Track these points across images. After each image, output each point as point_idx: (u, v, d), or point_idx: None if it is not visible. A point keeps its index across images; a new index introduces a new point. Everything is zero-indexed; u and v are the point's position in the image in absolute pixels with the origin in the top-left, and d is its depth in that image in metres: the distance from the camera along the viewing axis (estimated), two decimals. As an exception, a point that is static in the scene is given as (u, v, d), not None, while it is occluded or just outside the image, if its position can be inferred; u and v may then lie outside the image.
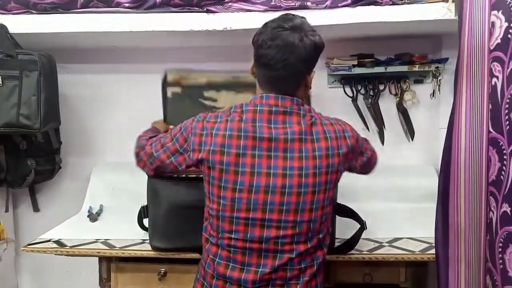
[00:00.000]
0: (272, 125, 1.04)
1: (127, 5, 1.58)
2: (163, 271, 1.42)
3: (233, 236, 1.05)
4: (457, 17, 1.13)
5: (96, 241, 1.49)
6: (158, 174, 1.23)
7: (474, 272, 1.09)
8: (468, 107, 1.07)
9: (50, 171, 1.93)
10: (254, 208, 1.03)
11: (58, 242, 1.49)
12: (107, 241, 1.49)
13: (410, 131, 1.90)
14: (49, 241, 1.49)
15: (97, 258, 1.51)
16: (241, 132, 1.03)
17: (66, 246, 1.45)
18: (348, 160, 1.10)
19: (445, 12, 1.43)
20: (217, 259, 1.07)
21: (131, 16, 1.56)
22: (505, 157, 0.94)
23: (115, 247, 1.44)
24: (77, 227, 1.65)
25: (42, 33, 1.58)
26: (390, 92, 1.89)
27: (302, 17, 1.09)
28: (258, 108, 1.05)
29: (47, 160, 1.89)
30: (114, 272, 1.47)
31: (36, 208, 2.04)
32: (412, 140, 1.91)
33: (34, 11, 1.58)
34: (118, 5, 1.58)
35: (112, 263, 1.46)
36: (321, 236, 1.09)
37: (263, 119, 1.04)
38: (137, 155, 1.25)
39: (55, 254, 1.46)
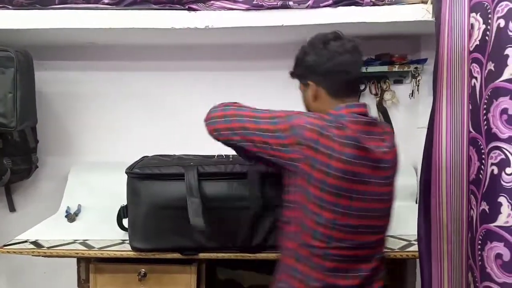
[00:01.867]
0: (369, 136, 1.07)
1: (106, 1, 1.55)
2: (143, 272, 1.41)
3: (343, 244, 1.04)
4: (435, 18, 1.15)
5: (74, 241, 1.47)
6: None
7: (456, 269, 1.11)
8: (449, 108, 1.09)
9: (26, 170, 1.89)
10: (365, 215, 1.05)
11: (35, 243, 1.45)
12: (86, 241, 1.47)
13: (389, 131, 1.92)
14: (26, 242, 1.46)
15: (75, 259, 1.48)
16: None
17: (44, 247, 1.42)
18: None
19: (424, 13, 1.45)
20: (324, 271, 1.04)
21: (110, 13, 1.53)
22: (483, 156, 0.96)
23: (94, 247, 1.42)
24: (54, 227, 1.62)
25: (19, 29, 1.54)
26: (371, 92, 1.92)
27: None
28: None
29: (24, 159, 1.85)
30: (93, 273, 1.44)
31: (12, 208, 1.99)
32: (392, 139, 1.93)
33: (10, 7, 1.55)
34: (98, 1, 1.56)
35: (91, 263, 1.44)
36: None
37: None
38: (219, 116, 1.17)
39: (32, 255, 1.42)
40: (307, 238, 1.04)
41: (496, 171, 0.92)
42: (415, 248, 1.37)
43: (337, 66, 1.09)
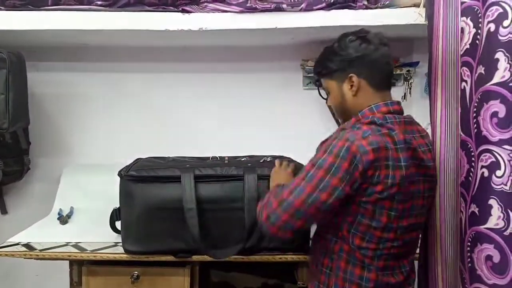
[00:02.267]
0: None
1: (99, 2, 1.55)
2: (136, 274, 1.40)
3: (394, 244, 1.07)
4: (427, 22, 1.16)
5: (66, 244, 1.46)
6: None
7: (450, 273, 1.12)
8: (444, 111, 1.10)
9: (18, 172, 1.87)
10: (412, 214, 1.08)
11: (27, 245, 1.44)
12: (78, 244, 1.46)
13: (382, 133, 1.93)
14: (17, 244, 1.45)
15: (68, 262, 1.47)
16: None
17: (36, 249, 1.41)
18: None
19: (416, 17, 1.46)
20: (377, 271, 1.07)
21: (104, 14, 1.53)
22: (473, 159, 0.97)
23: (87, 250, 1.41)
24: (47, 229, 1.61)
25: (11, 30, 1.53)
26: (363, 94, 1.92)
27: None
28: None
29: (16, 160, 1.84)
30: (85, 275, 1.43)
31: (4, 210, 1.98)
32: (385, 141, 1.94)
33: (2, 8, 1.54)
34: (91, 2, 1.55)
35: (83, 266, 1.43)
36: None
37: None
38: (268, 217, 1.04)
39: (24, 258, 1.41)
40: (360, 241, 1.06)
41: (486, 173, 0.93)
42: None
43: (383, 57, 1.11)
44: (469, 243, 0.98)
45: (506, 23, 0.91)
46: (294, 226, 1.02)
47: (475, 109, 0.96)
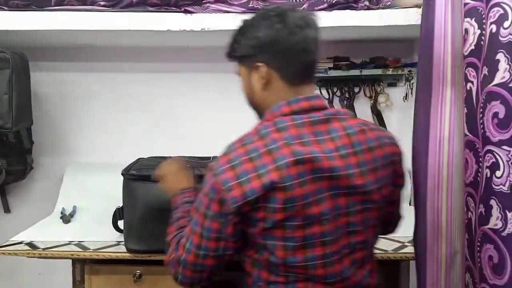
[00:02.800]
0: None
1: (102, 3, 1.56)
2: (138, 273, 1.41)
3: (315, 279, 0.94)
4: (420, 22, 1.15)
5: (69, 243, 1.47)
6: None
7: (454, 270, 1.11)
8: (453, 111, 1.08)
9: (21, 171, 1.88)
10: (328, 240, 0.93)
11: (30, 244, 1.45)
12: (81, 243, 1.47)
13: (384, 133, 1.93)
14: (20, 243, 1.46)
15: (70, 260, 1.48)
16: None
17: (39, 248, 1.42)
18: None
19: (417, 17, 1.47)
20: None
21: (106, 15, 1.54)
22: (480, 159, 0.97)
23: (89, 249, 1.42)
24: (49, 228, 1.62)
25: (15, 31, 1.54)
26: (365, 95, 1.93)
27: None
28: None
29: (19, 160, 1.85)
30: (88, 274, 1.44)
31: (7, 209, 1.99)
32: (386, 141, 1.94)
33: (6, 8, 1.55)
34: (94, 3, 1.56)
35: (86, 265, 1.44)
36: None
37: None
38: (176, 277, 1.00)
39: (27, 257, 1.42)
40: (267, 275, 0.94)
41: (489, 174, 0.93)
42: (408, 249, 1.38)
43: (298, 43, 0.91)
44: (478, 243, 0.98)
45: (506, 24, 0.91)
46: (204, 276, 0.95)
47: (481, 110, 0.96)
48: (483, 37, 0.97)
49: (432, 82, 1.10)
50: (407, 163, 1.93)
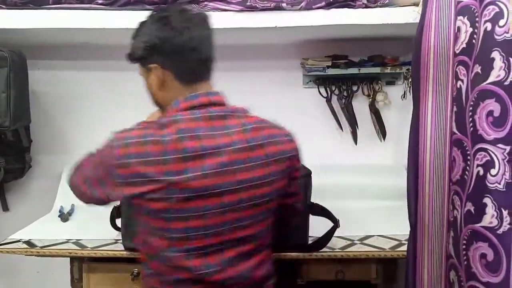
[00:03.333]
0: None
1: (100, 1, 1.56)
2: (136, 271, 1.41)
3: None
4: (418, 20, 1.16)
5: (67, 241, 1.47)
6: None
7: (436, 267, 1.13)
8: (434, 109, 1.10)
9: (20, 169, 1.89)
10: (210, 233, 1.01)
11: (28, 242, 1.46)
12: (79, 241, 1.47)
13: (382, 131, 1.94)
14: (19, 241, 1.46)
15: (68, 259, 1.49)
16: None
17: (37, 246, 1.43)
18: None
19: (415, 16, 1.47)
20: None
21: (104, 13, 1.54)
22: (468, 157, 0.97)
23: (87, 247, 1.42)
24: (48, 227, 1.63)
25: (13, 29, 1.55)
26: (363, 93, 1.93)
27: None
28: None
29: (17, 158, 1.85)
30: (86, 272, 1.45)
31: (5, 208, 1.99)
32: (384, 140, 1.95)
33: (3, 6, 1.55)
34: (91, 1, 1.56)
35: (84, 263, 1.45)
36: None
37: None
38: None
39: (25, 255, 1.43)
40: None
41: (481, 172, 0.93)
42: (405, 247, 1.38)
43: (187, 42, 0.94)
44: (465, 241, 0.98)
45: (502, 22, 0.91)
46: None
47: (471, 108, 0.97)
48: (475, 36, 0.97)
49: (420, 80, 1.11)
50: (405, 161, 1.94)
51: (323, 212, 1.38)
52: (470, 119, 0.96)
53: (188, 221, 0.92)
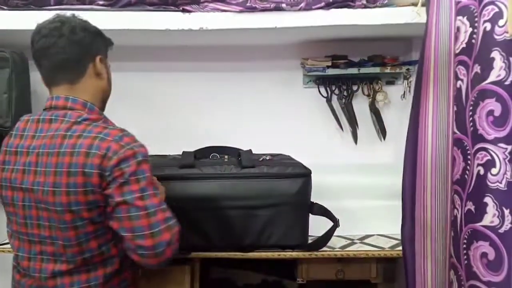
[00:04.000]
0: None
1: (101, 2, 1.56)
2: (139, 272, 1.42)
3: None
4: (416, 20, 1.16)
5: (69, 241, 1.47)
6: None
7: (439, 268, 1.13)
8: (435, 109, 1.11)
9: (21, 170, 1.89)
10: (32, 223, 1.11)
11: (29, 242, 1.46)
12: (81, 241, 1.47)
13: (382, 131, 1.94)
14: (20, 241, 1.46)
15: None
16: None
17: (38, 246, 1.43)
18: None
19: (415, 16, 1.47)
20: None
21: (105, 14, 1.54)
22: (469, 157, 0.98)
23: (89, 247, 1.42)
24: (49, 227, 1.62)
25: (14, 30, 1.55)
26: (363, 93, 1.94)
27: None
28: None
29: (18, 159, 1.85)
30: (87, 272, 1.45)
31: (6, 208, 1.99)
32: (384, 139, 1.95)
33: (5, 7, 1.55)
34: (92, 2, 1.57)
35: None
36: None
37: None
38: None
39: (27, 255, 1.43)
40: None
41: (482, 171, 0.94)
42: (405, 247, 1.39)
43: (38, 50, 1.09)
44: (465, 240, 0.99)
45: (501, 22, 0.92)
46: None
47: (471, 108, 0.97)
48: (474, 35, 0.98)
49: (422, 81, 1.12)
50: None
51: (323, 211, 1.39)
52: (470, 118, 0.97)
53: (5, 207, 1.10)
